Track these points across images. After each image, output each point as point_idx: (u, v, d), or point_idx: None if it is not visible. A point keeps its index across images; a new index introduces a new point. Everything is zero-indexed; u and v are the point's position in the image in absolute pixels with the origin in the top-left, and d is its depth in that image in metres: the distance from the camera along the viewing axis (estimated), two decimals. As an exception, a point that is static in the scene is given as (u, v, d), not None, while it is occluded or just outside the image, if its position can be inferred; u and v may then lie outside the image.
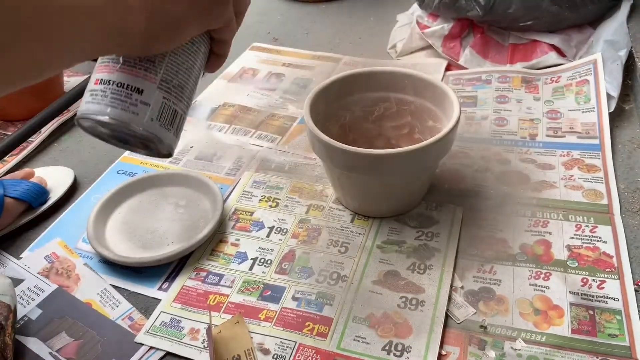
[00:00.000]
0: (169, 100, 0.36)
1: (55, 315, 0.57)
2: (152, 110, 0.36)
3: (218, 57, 0.42)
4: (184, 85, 0.38)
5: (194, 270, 0.61)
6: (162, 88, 0.36)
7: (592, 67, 0.83)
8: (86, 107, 0.36)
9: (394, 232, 0.64)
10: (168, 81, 0.36)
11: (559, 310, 0.54)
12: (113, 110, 0.35)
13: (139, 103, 0.35)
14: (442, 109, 0.66)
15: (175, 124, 0.38)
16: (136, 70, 0.35)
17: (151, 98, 0.35)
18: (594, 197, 0.66)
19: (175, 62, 0.37)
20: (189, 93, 0.39)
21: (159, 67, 0.36)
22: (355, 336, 0.53)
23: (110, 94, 0.35)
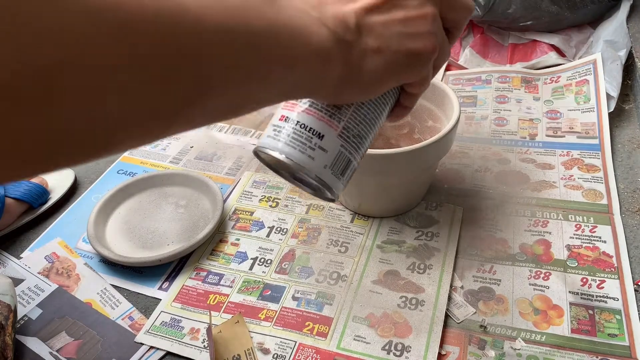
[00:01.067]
0: (346, 150, 0.36)
1: (56, 315, 0.57)
2: (328, 157, 0.35)
3: (404, 108, 0.40)
4: (364, 135, 0.37)
5: (194, 270, 0.61)
6: (342, 136, 0.35)
7: (592, 67, 0.83)
8: (266, 140, 0.35)
9: (394, 232, 0.64)
10: (349, 130, 0.35)
11: (559, 309, 0.54)
12: (291, 150, 0.34)
13: (317, 148, 0.34)
14: (442, 109, 0.66)
15: (346, 174, 0.37)
16: (321, 114, 0.35)
17: (330, 145, 0.35)
18: (593, 197, 0.66)
19: (361, 111, 0.36)
20: (367, 144, 0.38)
21: (343, 115, 0.35)
22: (355, 336, 0.53)
23: (293, 134, 0.34)
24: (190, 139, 0.82)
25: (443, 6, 0.35)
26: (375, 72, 0.32)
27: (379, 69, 0.32)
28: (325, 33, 0.29)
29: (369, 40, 0.31)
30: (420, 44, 0.33)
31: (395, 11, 0.32)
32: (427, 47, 0.33)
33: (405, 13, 0.32)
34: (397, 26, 0.32)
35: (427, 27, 0.33)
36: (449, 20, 0.36)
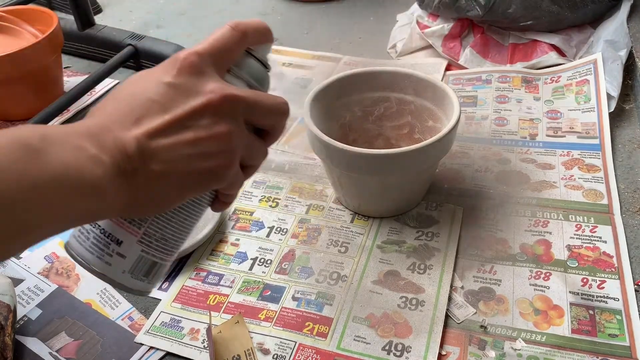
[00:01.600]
0: (148, 254, 0.36)
1: (55, 315, 0.57)
2: (127, 263, 0.35)
3: (223, 203, 0.39)
4: (172, 238, 0.37)
5: (194, 270, 0.61)
6: (144, 242, 0.35)
7: (592, 66, 0.83)
8: (72, 240, 0.36)
9: (394, 232, 0.64)
10: (151, 235, 0.35)
11: (559, 310, 0.54)
12: (90, 255, 0.34)
13: (115, 254, 0.34)
14: (442, 109, 0.66)
15: (151, 275, 0.37)
16: (121, 220, 0.34)
17: (128, 251, 0.35)
18: (594, 197, 0.66)
19: (164, 217, 0.36)
20: (178, 243, 0.38)
21: (144, 222, 0.35)
22: (355, 336, 0.53)
23: (93, 238, 0.34)
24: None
25: (249, 117, 0.34)
26: (164, 194, 0.31)
27: (167, 191, 0.31)
28: (100, 171, 0.28)
29: (153, 165, 0.30)
30: (212, 163, 0.32)
31: (183, 133, 0.31)
32: (220, 164, 0.33)
33: (194, 134, 0.31)
34: (185, 148, 0.31)
35: (219, 147, 0.32)
36: (261, 124, 0.36)
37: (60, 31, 0.87)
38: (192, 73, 0.33)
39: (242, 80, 0.37)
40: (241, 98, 0.33)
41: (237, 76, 0.37)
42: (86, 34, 1.02)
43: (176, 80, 0.32)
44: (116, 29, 1.03)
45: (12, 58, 0.79)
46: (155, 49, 0.98)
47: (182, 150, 0.31)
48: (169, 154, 0.31)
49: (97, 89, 0.94)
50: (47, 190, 0.26)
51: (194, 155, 0.31)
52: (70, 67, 1.03)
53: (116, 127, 0.30)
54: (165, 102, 0.31)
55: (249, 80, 0.38)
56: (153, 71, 0.33)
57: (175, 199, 0.33)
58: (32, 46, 0.81)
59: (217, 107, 0.32)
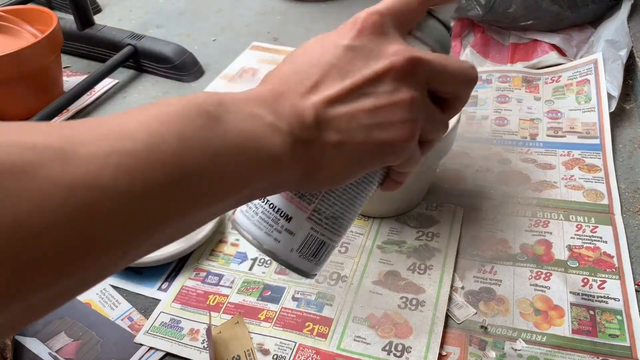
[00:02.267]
0: (317, 232, 0.34)
1: (55, 316, 0.57)
2: (295, 240, 0.33)
3: (394, 182, 0.36)
4: (340, 216, 0.34)
5: (194, 271, 0.61)
6: (313, 218, 0.33)
7: (593, 66, 0.83)
8: (239, 215, 0.35)
9: (394, 232, 0.64)
10: (321, 212, 0.33)
11: (560, 310, 0.54)
12: (257, 231, 0.33)
13: (284, 230, 0.33)
14: (443, 108, 0.65)
15: (319, 255, 0.35)
16: (291, 195, 0.33)
17: (297, 228, 0.33)
18: (594, 197, 0.66)
19: (335, 193, 0.33)
20: (346, 223, 0.35)
21: (314, 197, 0.33)
22: (355, 336, 0.53)
23: (261, 213, 0.33)
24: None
25: (434, 83, 0.31)
26: (338, 167, 0.29)
27: (341, 164, 0.29)
28: (278, 140, 0.27)
29: (330, 135, 0.28)
30: (391, 134, 0.29)
31: (362, 100, 0.29)
32: (401, 136, 0.30)
33: (374, 101, 0.29)
34: (364, 117, 0.29)
35: (401, 115, 0.29)
36: (445, 93, 0.32)
37: (59, 31, 0.87)
38: (374, 34, 0.30)
39: (425, 44, 0.34)
40: (427, 62, 0.30)
41: (419, 39, 0.34)
42: (86, 34, 1.02)
43: (356, 42, 0.30)
44: (116, 29, 1.03)
45: (11, 58, 0.79)
46: (154, 48, 0.98)
47: (360, 119, 0.29)
48: (347, 123, 0.28)
49: (97, 88, 0.94)
50: (228, 159, 0.25)
51: (373, 125, 0.29)
52: (69, 67, 1.03)
53: (292, 94, 0.28)
54: (344, 66, 0.29)
55: (433, 44, 0.34)
56: (331, 34, 0.31)
57: (350, 173, 0.30)
58: (32, 46, 0.81)
59: (400, 72, 0.29)
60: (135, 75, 1.00)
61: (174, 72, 0.97)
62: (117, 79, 0.98)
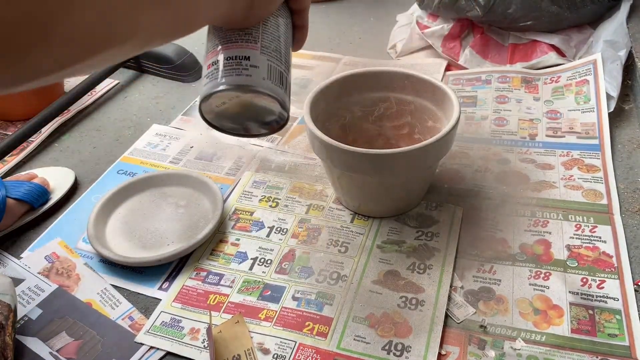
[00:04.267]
0: (273, 62, 0.40)
1: (56, 315, 0.57)
2: (262, 70, 0.39)
3: (300, 29, 0.46)
4: (280, 50, 0.41)
5: (194, 270, 0.61)
6: (264, 52, 0.40)
7: (592, 67, 0.83)
8: (204, 89, 0.39)
9: (394, 232, 0.64)
10: (267, 47, 0.40)
11: (559, 310, 0.54)
12: (228, 78, 0.38)
13: (249, 67, 0.39)
14: (442, 109, 0.66)
15: (284, 83, 0.41)
16: (238, 43, 0.39)
17: (258, 61, 0.39)
18: (593, 197, 0.66)
19: (267, 31, 0.40)
20: (286, 57, 0.42)
21: (256, 37, 0.40)
22: (355, 336, 0.53)
23: (222, 68, 0.39)
24: (190, 139, 0.82)
25: None
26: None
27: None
28: None
29: None
30: None
31: None
32: None
33: None
34: None
35: None
36: None
37: (60, 31, 0.87)
38: None
39: None
40: None
41: None
42: (86, 34, 1.02)
43: None
44: (116, 29, 1.03)
45: (12, 58, 0.79)
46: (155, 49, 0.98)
47: None
48: None
49: (97, 89, 0.95)
50: None
51: None
52: (70, 67, 1.03)
53: None
54: None
55: None
56: None
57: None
58: (33, 46, 0.81)
59: None
60: (136, 75, 1.00)
61: (174, 72, 0.97)
62: (118, 80, 0.98)
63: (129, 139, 0.84)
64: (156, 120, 0.88)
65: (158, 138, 0.83)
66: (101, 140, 0.84)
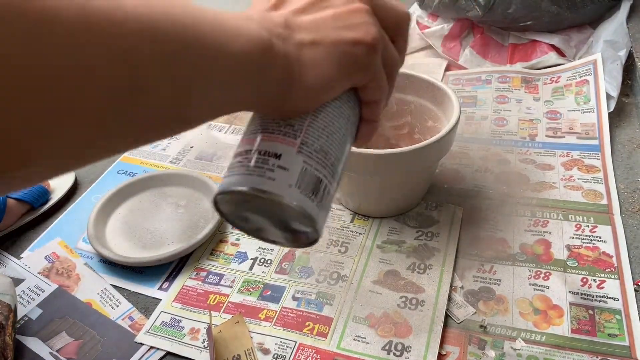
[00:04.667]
0: (310, 166, 0.32)
1: (56, 315, 0.57)
2: (291, 175, 0.31)
3: (368, 123, 0.37)
4: (329, 151, 0.33)
5: (194, 270, 0.61)
6: (303, 152, 0.32)
7: (592, 67, 0.83)
8: (221, 184, 0.32)
9: (394, 232, 0.64)
10: (309, 144, 0.32)
11: (559, 310, 0.54)
12: (247, 178, 0.31)
13: (276, 168, 0.31)
14: (442, 109, 0.66)
15: (319, 194, 0.32)
16: (275, 135, 0.32)
17: (290, 163, 0.31)
18: (593, 197, 0.66)
19: (316, 124, 0.33)
20: (335, 161, 0.34)
21: (298, 131, 0.32)
22: (355, 336, 0.53)
23: (247, 164, 0.31)
24: (190, 139, 0.82)
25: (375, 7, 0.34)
26: (318, 68, 0.30)
27: (320, 62, 0.30)
28: (255, 27, 0.28)
29: (303, 35, 0.30)
30: (358, 33, 0.32)
31: (323, 11, 0.32)
32: (367, 34, 0.32)
33: (334, 10, 0.32)
34: (329, 21, 0.32)
35: (362, 19, 0.32)
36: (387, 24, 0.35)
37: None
38: None
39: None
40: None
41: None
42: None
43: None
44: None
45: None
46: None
47: (327, 22, 0.32)
48: (316, 26, 0.31)
49: (97, 89, 0.94)
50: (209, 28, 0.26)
51: (340, 27, 0.32)
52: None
53: (259, 11, 0.31)
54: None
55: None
56: None
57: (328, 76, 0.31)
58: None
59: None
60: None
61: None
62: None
63: (129, 139, 0.84)
64: (156, 120, 0.88)
65: (158, 138, 0.83)
66: (101, 140, 0.84)
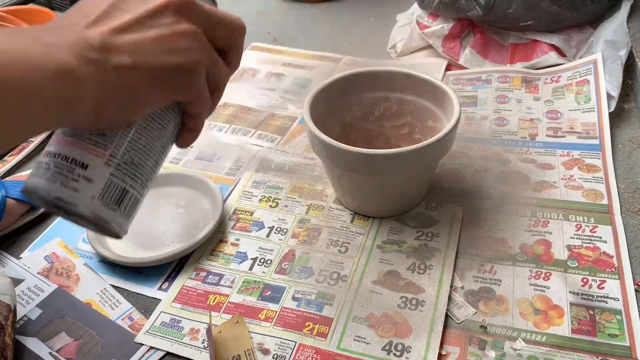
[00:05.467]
0: (118, 178, 0.33)
1: (55, 315, 0.57)
2: (95, 187, 0.32)
3: (189, 131, 0.37)
4: (140, 163, 0.34)
5: (194, 270, 0.61)
6: (111, 164, 0.33)
7: (592, 67, 0.83)
8: (31, 180, 0.33)
9: (394, 232, 0.64)
10: (119, 157, 0.33)
11: (559, 310, 0.54)
12: (52, 185, 0.32)
13: (81, 179, 0.32)
14: (442, 109, 0.66)
15: (124, 204, 0.34)
16: (84, 143, 0.32)
17: (96, 174, 0.32)
18: (594, 197, 0.66)
19: (131, 137, 0.33)
20: (148, 172, 0.35)
21: (110, 142, 0.33)
22: (355, 336, 0.53)
23: (54, 167, 0.32)
24: (190, 139, 0.82)
25: (208, 27, 0.33)
26: (136, 89, 0.30)
27: (139, 86, 0.30)
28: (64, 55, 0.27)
29: (122, 58, 0.29)
30: (181, 58, 0.32)
31: (146, 31, 0.31)
32: (190, 60, 0.32)
33: (158, 31, 0.31)
34: (151, 44, 0.31)
35: (187, 43, 0.32)
36: (219, 40, 0.35)
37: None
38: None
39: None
40: (199, 4, 0.33)
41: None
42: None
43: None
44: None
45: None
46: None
47: (148, 45, 0.31)
48: (137, 48, 0.30)
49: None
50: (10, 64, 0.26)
51: (162, 51, 0.31)
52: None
53: (75, 27, 0.29)
54: (125, 6, 0.31)
55: None
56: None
57: (146, 99, 0.32)
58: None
59: (177, 6, 0.32)
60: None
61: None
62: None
63: (129, 139, 0.84)
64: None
65: (158, 138, 0.83)
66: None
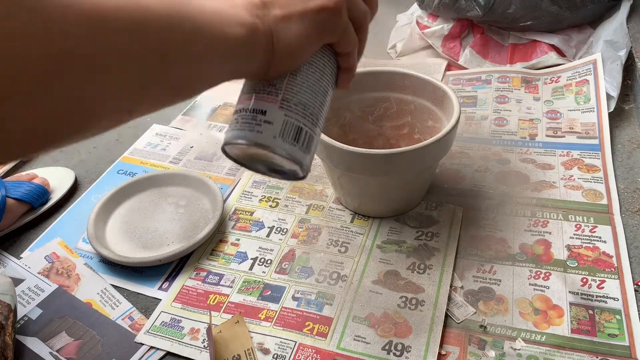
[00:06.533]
0: (292, 118, 0.38)
1: (56, 315, 0.57)
2: (275, 127, 0.38)
3: (345, 71, 0.42)
4: (308, 103, 0.39)
5: (194, 270, 0.61)
6: (284, 106, 0.38)
7: (592, 67, 0.83)
8: (225, 136, 0.39)
9: (393, 232, 0.64)
10: (289, 100, 0.38)
11: (559, 310, 0.54)
12: (241, 132, 0.38)
13: (263, 122, 0.38)
14: (442, 109, 0.66)
15: (301, 141, 0.39)
16: (261, 94, 0.38)
17: (273, 117, 0.38)
18: (593, 197, 0.66)
19: (295, 82, 0.39)
20: (315, 110, 0.40)
21: (279, 89, 0.38)
22: (355, 336, 0.53)
23: (241, 120, 0.38)
24: (190, 139, 0.82)
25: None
26: (292, 36, 0.35)
27: (294, 33, 0.35)
28: (243, 12, 0.33)
29: (276, 11, 0.35)
30: (321, 1, 0.36)
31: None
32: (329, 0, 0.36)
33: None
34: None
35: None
36: None
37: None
38: None
39: None
40: None
41: None
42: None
43: None
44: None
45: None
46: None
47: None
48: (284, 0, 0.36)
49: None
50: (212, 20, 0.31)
51: None
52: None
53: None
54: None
55: None
56: None
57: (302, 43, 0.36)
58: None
59: None
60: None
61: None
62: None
63: (129, 138, 0.84)
64: (156, 120, 0.88)
65: (158, 138, 0.83)
66: (101, 140, 0.84)
